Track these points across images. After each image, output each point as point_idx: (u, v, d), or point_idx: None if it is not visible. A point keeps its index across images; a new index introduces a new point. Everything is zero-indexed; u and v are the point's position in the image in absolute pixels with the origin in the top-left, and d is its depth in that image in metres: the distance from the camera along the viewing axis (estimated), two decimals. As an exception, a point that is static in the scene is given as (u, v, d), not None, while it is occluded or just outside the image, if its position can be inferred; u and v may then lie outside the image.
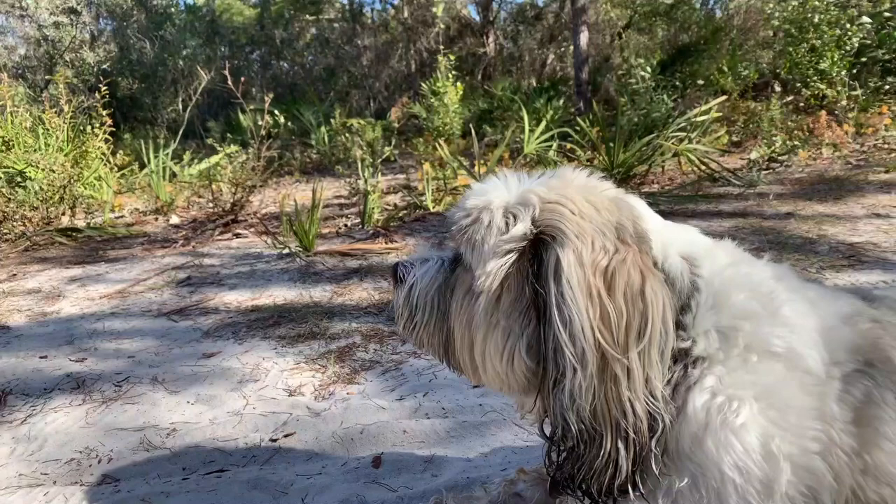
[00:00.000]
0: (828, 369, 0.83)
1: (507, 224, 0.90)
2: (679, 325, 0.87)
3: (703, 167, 5.48)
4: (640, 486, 0.83)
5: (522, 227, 0.88)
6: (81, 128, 6.26)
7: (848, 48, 7.33)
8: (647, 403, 0.80)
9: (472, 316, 0.92)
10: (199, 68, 8.65)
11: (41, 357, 2.58)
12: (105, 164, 6.44)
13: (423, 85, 9.37)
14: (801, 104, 7.88)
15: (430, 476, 1.54)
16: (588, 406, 0.80)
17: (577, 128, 6.41)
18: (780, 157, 5.92)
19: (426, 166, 5.64)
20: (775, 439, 0.80)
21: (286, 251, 4.04)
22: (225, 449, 1.76)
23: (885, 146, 6.09)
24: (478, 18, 14.39)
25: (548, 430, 0.89)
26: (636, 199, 0.97)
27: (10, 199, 5.31)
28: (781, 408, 0.82)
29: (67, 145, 6.10)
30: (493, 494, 1.26)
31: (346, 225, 4.93)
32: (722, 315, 0.86)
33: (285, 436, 1.81)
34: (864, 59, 7.47)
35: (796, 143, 6.12)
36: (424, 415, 1.87)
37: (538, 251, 0.86)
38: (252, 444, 1.78)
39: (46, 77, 11.99)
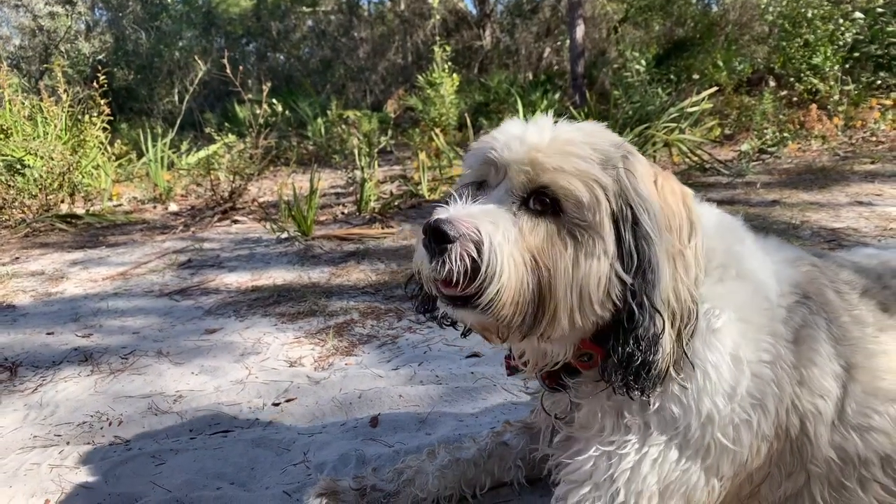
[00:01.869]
0: (777, 299, 1.00)
1: (593, 153, 0.94)
2: None
3: (694, 157, 5.58)
4: (678, 371, 0.93)
5: (608, 153, 0.94)
6: (79, 117, 6.29)
7: (841, 43, 7.42)
8: (692, 292, 0.93)
9: (574, 252, 0.91)
10: (195, 59, 8.65)
11: (48, 333, 2.66)
12: (103, 153, 6.48)
13: (420, 77, 9.42)
14: (795, 98, 7.98)
15: (423, 434, 1.64)
16: (658, 289, 0.90)
17: (572, 119, 6.47)
18: (769, 149, 6.03)
19: (422, 156, 5.71)
20: (742, 346, 0.96)
21: (285, 235, 4.12)
22: (229, 412, 1.86)
23: (873, 138, 6.20)
24: (474, 11, 14.42)
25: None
26: None
27: (9, 186, 5.36)
28: (747, 321, 0.97)
29: (65, 134, 6.14)
30: (482, 444, 1.36)
31: (343, 212, 5.01)
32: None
33: (287, 401, 1.90)
34: (856, 55, 7.56)
35: (786, 135, 6.23)
36: (419, 382, 1.96)
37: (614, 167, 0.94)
38: (255, 408, 1.88)
39: (43, 67, 11.97)
